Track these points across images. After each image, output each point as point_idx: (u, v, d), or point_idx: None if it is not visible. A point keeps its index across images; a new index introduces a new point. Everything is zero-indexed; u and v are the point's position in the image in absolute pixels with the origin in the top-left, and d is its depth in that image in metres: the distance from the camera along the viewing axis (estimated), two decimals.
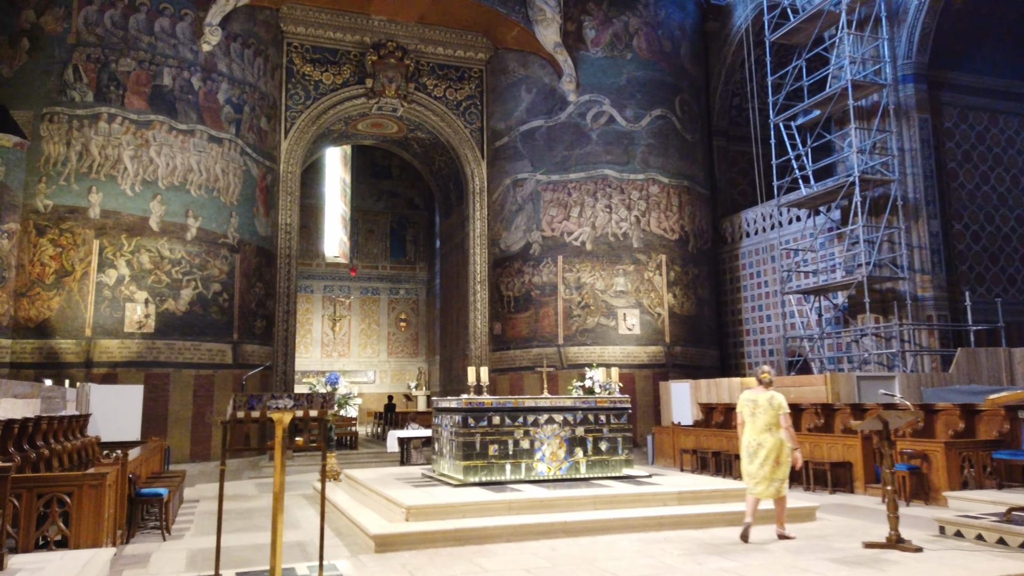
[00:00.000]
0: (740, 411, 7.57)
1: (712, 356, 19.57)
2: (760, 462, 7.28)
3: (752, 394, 7.54)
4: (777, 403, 7.39)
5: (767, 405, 7.37)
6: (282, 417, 4.57)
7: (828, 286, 16.27)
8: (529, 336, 18.69)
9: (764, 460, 7.28)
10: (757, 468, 7.29)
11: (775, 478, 7.27)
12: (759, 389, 7.53)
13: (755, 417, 7.41)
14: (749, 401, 7.51)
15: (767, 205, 19.13)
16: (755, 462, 7.31)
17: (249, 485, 13.42)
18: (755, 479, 7.31)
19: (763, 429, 7.35)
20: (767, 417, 7.34)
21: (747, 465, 7.39)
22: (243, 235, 16.36)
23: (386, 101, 19.23)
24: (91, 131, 14.64)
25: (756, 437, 7.36)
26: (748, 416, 7.48)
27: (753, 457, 7.35)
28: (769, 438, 7.31)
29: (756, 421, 7.39)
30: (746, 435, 7.47)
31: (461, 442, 8.85)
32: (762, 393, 7.46)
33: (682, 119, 19.54)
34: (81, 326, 14.17)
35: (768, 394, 7.44)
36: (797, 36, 17.18)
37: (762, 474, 7.26)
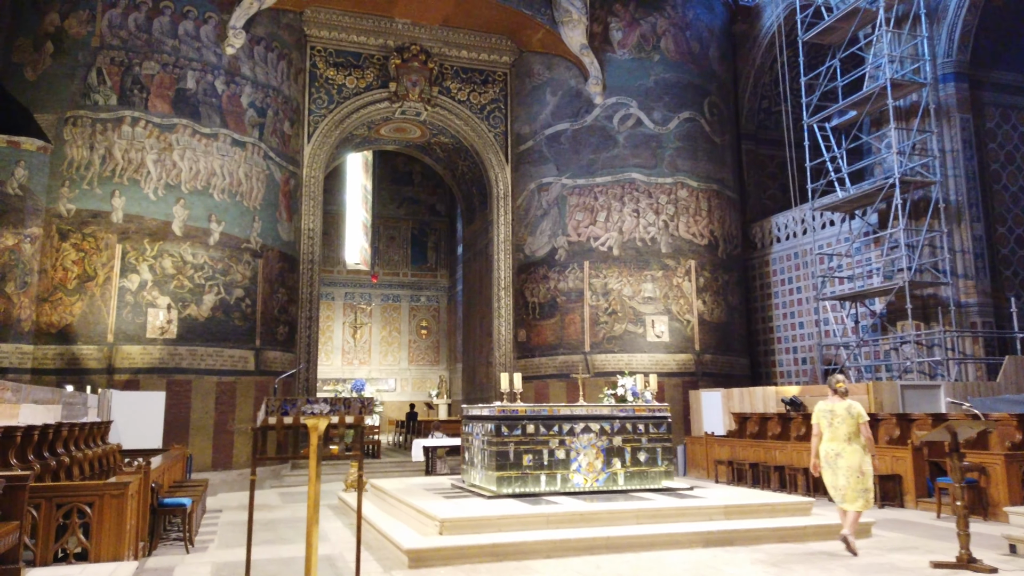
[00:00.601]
0: (817, 422, 7.40)
1: (742, 364, 19.06)
2: (844, 473, 7.11)
3: (828, 404, 7.38)
4: (856, 412, 7.27)
5: (845, 414, 7.26)
6: (317, 423, 4.23)
7: (866, 292, 15.74)
8: (555, 343, 18.29)
9: (848, 471, 7.10)
10: (844, 481, 7.11)
11: (863, 487, 7.07)
12: (834, 399, 7.39)
13: (833, 427, 7.26)
14: (826, 411, 7.35)
15: (799, 209, 18.63)
16: (839, 474, 7.14)
17: (272, 495, 13.11)
18: (842, 492, 7.13)
19: (843, 439, 7.20)
20: (846, 427, 7.20)
21: (830, 477, 7.24)
22: (266, 240, 16.13)
23: (409, 105, 18.98)
24: (114, 135, 14.49)
25: (835, 447, 7.21)
26: (826, 426, 7.31)
27: (835, 469, 7.18)
28: (848, 448, 7.16)
29: (835, 431, 7.25)
30: (824, 445, 7.29)
31: (494, 452, 8.47)
32: (839, 403, 7.33)
33: (711, 122, 19.11)
34: (103, 332, 13.97)
35: (845, 403, 7.32)
36: (831, 35, 16.73)
37: (849, 486, 7.08)
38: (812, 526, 7.68)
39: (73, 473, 7.99)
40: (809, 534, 7.59)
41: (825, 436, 7.30)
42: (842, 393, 7.39)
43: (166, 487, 9.13)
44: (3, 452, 6.51)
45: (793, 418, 13.69)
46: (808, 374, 18.28)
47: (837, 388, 7.40)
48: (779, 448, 12.70)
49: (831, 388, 7.49)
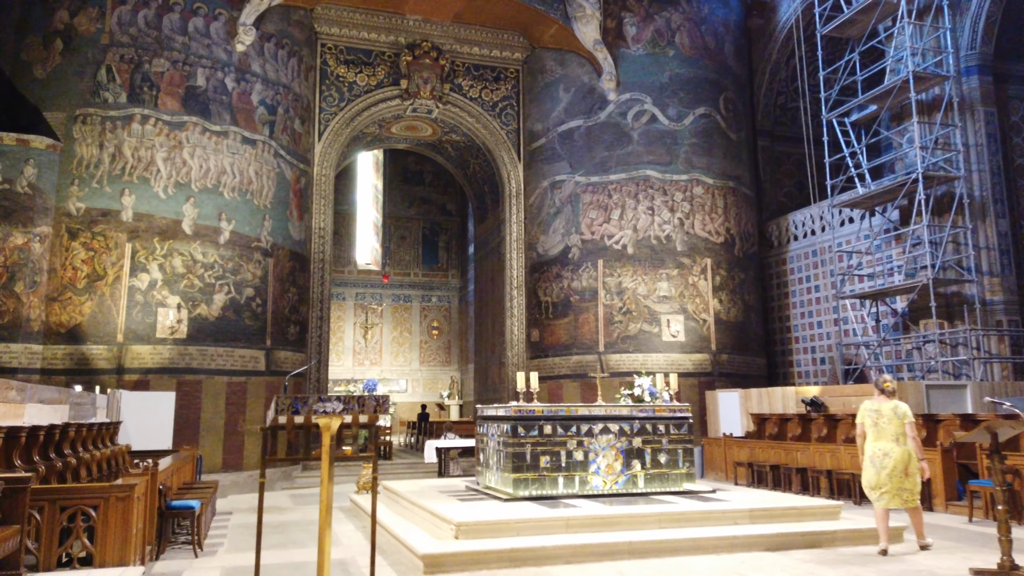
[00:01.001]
0: (861, 421, 7.39)
1: (759, 364, 18.73)
2: (888, 472, 7.08)
3: (874, 403, 7.36)
4: (902, 412, 7.24)
5: (892, 415, 7.23)
6: (330, 423, 3.99)
7: (887, 290, 15.39)
8: (568, 343, 18.03)
9: (892, 471, 7.07)
10: (885, 478, 7.07)
11: (904, 487, 7.05)
12: (880, 398, 7.36)
13: (879, 427, 7.23)
14: (872, 411, 7.33)
15: (816, 207, 18.30)
16: (882, 473, 7.10)
17: (283, 496, 12.92)
18: (881, 489, 7.08)
19: (889, 439, 7.16)
20: (893, 427, 7.18)
21: (871, 476, 7.16)
22: (276, 239, 15.95)
23: (421, 102, 18.78)
24: (124, 132, 14.35)
25: (882, 447, 7.17)
26: (871, 426, 7.28)
27: (879, 468, 7.13)
28: (896, 448, 7.12)
29: (881, 431, 7.22)
30: (869, 445, 7.25)
31: (510, 453, 8.22)
32: (885, 403, 7.30)
33: (727, 118, 18.81)
34: (113, 331, 13.82)
35: (892, 403, 7.29)
36: (851, 28, 16.39)
37: (890, 484, 7.06)
38: (842, 531, 7.39)
39: (80, 475, 7.80)
40: (839, 539, 7.30)
41: (869, 436, 7.25)
42: (889, 393, 7.33)
43: (175, 489, 8.94)
44: (7, 453, 6.32)
45: (814, 419, 13.37)
46: (827, 374, 17.94)
47: (885, 388, 7.33)
48: (800, 450, 12.39)
49: (878, 388, 7.43)
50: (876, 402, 7.36)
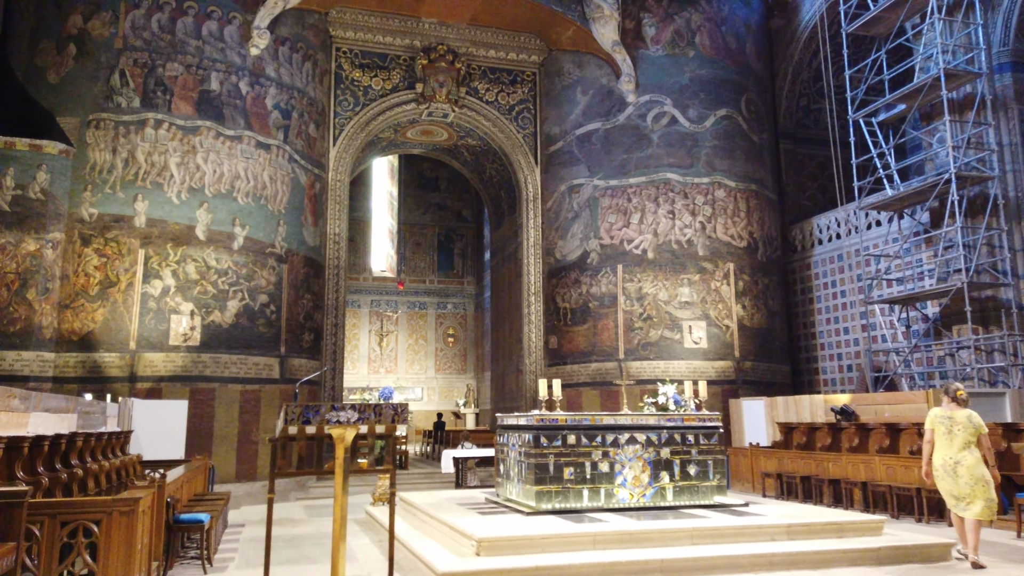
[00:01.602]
0: (931, 428, 7.25)
1: (784, 372, 18.25)
2: (965, 481, 6.94)
3: (946, 411, 7.23)
4: (977, 422, 7.14)
5: (966, 423, 7.10)
6: (343, 433, 3.66)
7: (918, 295, 14.89)
8: (587, 350, 17.63)
9: (970, 479, 6.93)
10: (968, 488, 6.92)
11: (988, 497, 6.89)
12: (952, 406, 7.25)
13: (952, 435, 7.09)
14: (944, 418, 7.19)
15: (842, 209, 17.83)
16: (959, 482, 6.95)
17: (296, 508, 12.60)
18: (965, 500, 6.93)
19: (961, 447, 7.03)
20: (966, 435, 7.05)
21: (949, 486, 7.03)
22: (291, 245, 15.71)
23: (436, 106, 18.52)
24: (137, 137, 14.17)
25: (954, 455, 7.05)
26: (943, 434, 7.13)
27: (954, 477, 6.99)
28: (968, 456, 7.00)
29: (953, 439, 7.08)
30: (940, 453, 7.12)
31: (533, 464, 7.85)
32: (959, 411, 7.19)
33: (748, 120, 18.40)
34: (125, 339, 13.60)
35: (965, 412, 7.18)
36: (877, 26, 15.96)
37: (974, 494, 6.90)
38: (886, 548, 6.95)
39: (88, 486, 7.51)
40: (884, 557, 6.87)
41: (940, 444, 7.10)
42: (962, 401, 7.22)
43: (185, 501, 8.64)
44: (8, 465, 6.04)
45: (844, 428, 12.90)
46: (855, 382, 17.42)
47: (958, 396, 7.22)
48: (831, 460, 11.92)
49: (948, 395, 7.30)
50: (948, 410, 7.22)
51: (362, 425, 3.65)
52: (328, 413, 3.56)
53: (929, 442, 7.23)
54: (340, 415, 3.57)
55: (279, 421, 3.73)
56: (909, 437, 11.66)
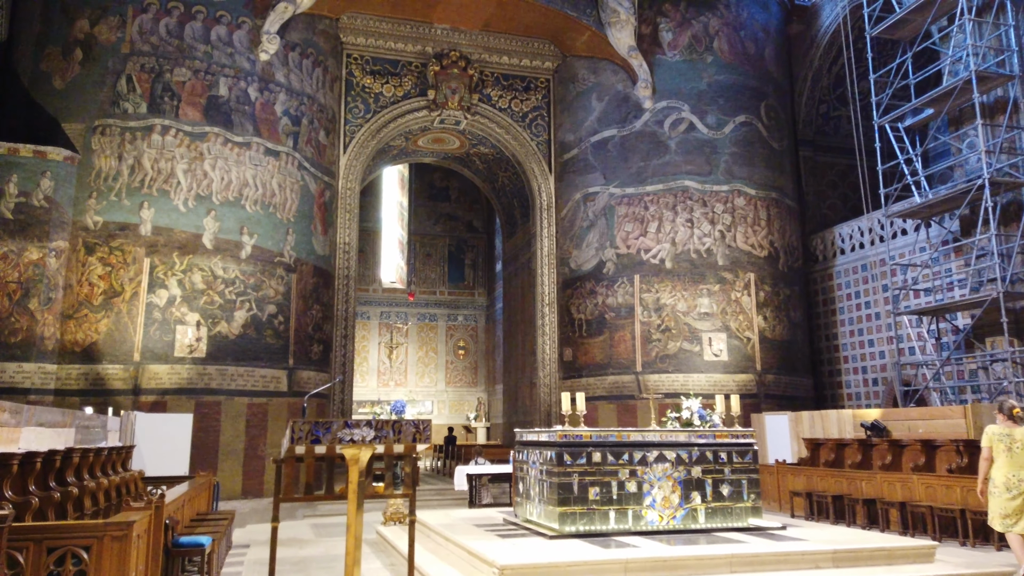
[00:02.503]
0: (989, 445, 7.15)
1: (806, 385, 17.67)
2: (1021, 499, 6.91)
3: (1004, 428, 7.14)
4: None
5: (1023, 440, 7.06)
6: (358, 454, 3.19)
7: (949, 305, 14.32)
8: (603, 362, 17.12)
9: None
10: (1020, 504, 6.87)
11: None
12: (1008, 423, 7.16)
13: (1012, 453, 7.02)
14: (1004, 436, 7.10)
15: (866, 218, 17.29)
16: (1019, 499, 6.88)
17: (304, 527, 12.11)
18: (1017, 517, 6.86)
19: (1021, 465, 6.96)
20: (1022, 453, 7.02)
21: (1005, 502, 6.92)
22: (300, 254, 15.32)
23: (448, 113, 18.15)
24: (144, 144, 13.84)
25: (1016, 473, 6.97)
26: (1003, 451, 7.03)
27: (1016, 495, 6.90)
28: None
29: (1014, 457, 7.01)
30: (1002, 472, 7.00)
31: (556, 483, 7.35)
32: (1016, 429, 7.12)
33: (768, 126, 17.94)
34: (129, 350, 13.20)
35: (1020, 430, 7.09)
36: (902, 29, 15.49)
37: None
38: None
39: (84, 505, 7.06)
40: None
41: (1001, 462, 7.00)
42: (1019, 419, 7.14)
43: (186, 521, 8.17)
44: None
45: (876, 444, 12.31)
46: (881, 396, 16.82)
47: (1014, 414, 7.15)
48: (865, 479, 11.34)
49: (1004, 413, 7.20)
50: (1005, 427, 7.14)
51: (378, 444, 3.18)
52: (341, 431, 3.10)
53: (987, 459, 7.08)
54: (354, 433, 3.11)
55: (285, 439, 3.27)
56: (946, 454, 11.07)
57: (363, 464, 3.18)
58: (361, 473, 3.17)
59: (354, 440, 3.12)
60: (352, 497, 3.14)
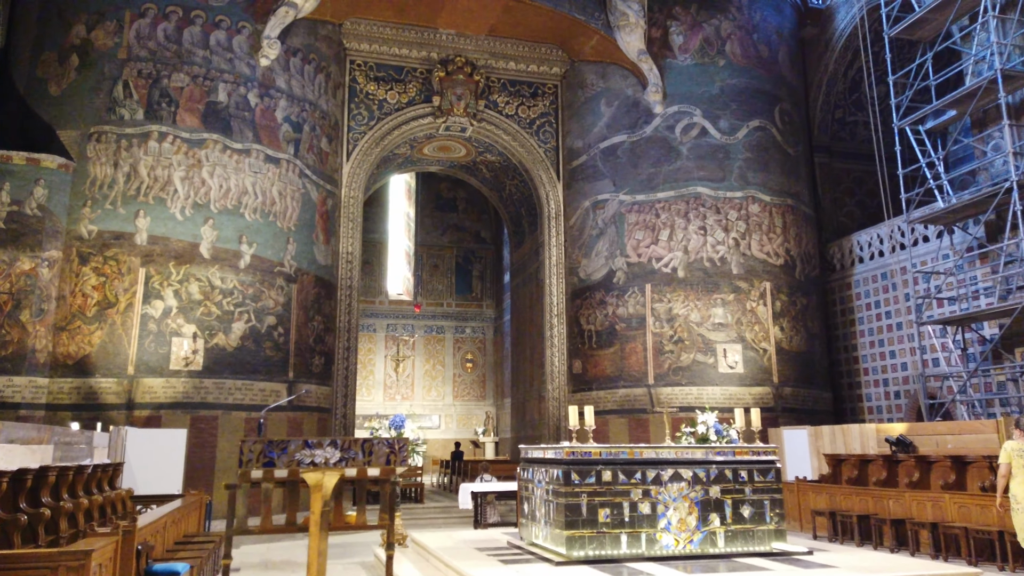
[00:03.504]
0: (1008, 461, 7.24)
1: (825, 399, 17.02)
2: None
3: (1022, 444, 7.24)
4: None
5: None
6: (322, 479, 2.68)
7: (975, 314, 13.70)
8: (614, 375, 16.55)
9: None
10: None
11: None
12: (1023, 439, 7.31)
13: None
14: (1022, 451, 7.21)
15: (884, 225, 16.69)
16: None
17: (300, 546, 11.57)
18: None
19: None
20: None
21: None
22: (301, 263, 14.89)
23: (454, 120, 17.74)
24: (140, 151, 13.49)
25: None
26: (1022, 467, 7.13)
27: None
28: None
29: None
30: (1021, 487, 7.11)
31: (563, 504, 6.81)
32: None
33: (783, 131, 17.42)
34: (123, 363, 12.77)
35: None
36: (922, 29, 14.97)
37: None
38: None
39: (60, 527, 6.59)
40: None
41: (1020, 478, 7.09)
42: None
43: (169, 544, 7.67)
44: None
45: (902, 461, 11.68)
46: (903, 409, 16.17)
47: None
48: (892, 497, 10.71)
49: (1020, 428, 7.35)
50: (1021, 442, 7.25)
51: (347, 466, 2.68)
52: (299, 452, 2.61)
53: (1004, 476, 7.19)
54: (315, 454, 2.61)
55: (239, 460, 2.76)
56: (978, 471, 10.44)
57: (327, 491, 2.68)
58: (326, 501, 2.66)
59: (316, 462, 2.62)
60: (315, 530, 2.63)
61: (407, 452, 2.86)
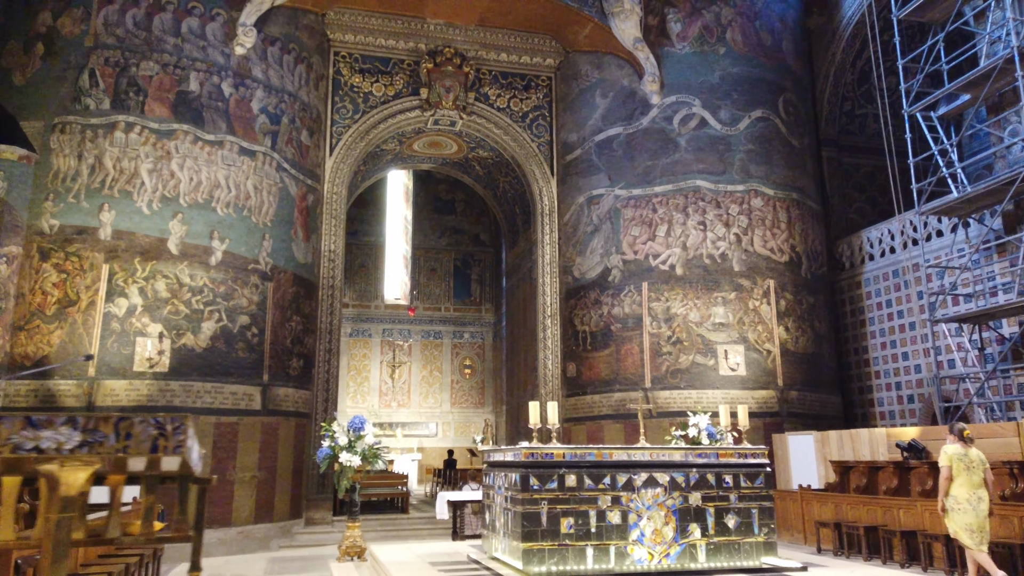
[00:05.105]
0: (948, 465, 7.64)
1: (834, 403, 16.07)
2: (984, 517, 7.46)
3: (960, 449, 7.69)
4: (983, 458, 7.71)
5: (979, 461, 7.66)
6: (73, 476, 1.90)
7: (993, 311, 12.75)
8: (609, 378, 15.71)
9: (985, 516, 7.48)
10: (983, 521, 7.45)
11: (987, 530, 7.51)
12: (961, 444, 7.71)
13: (971, 472, 7.58)
14: (961, 456, 7.66)
15: (895, 220, 15.77)
16: (979, 516, 7.45)
17: (260, 563, 10.78)
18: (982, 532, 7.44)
19: (979, 484, 7.57)
20: (980, 473, 7.60)
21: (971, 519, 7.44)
22: (277, 261, 14.19)
23: (443, 113, 17.04)
24: (106, 142, 12.85)
25: (976, 492, 7.54)
26: (963, 470, 7.56)
27: (977, 512, 7.46)
28: (986, 493, 7.57)
29: (972, 477, 7.58)
30: (964, 489, 7.52)
31: (520, 513, 6.00)
32: (971, 449, 7.71)
33: (787, 122, 16.56)
34: (84, 364, 12.08)
35: (975, 450, 7.71)
36: (933, 10, 14.12)
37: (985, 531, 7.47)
38: None
39: None
40: None
41: (962, 480, 7.52)
42: (970, 440, 7.73)
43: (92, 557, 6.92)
44: None
45: (914, 468, 10.78)
46: (917, 414, 15.20)
47: (965, 436, 7.73)
48: (903, 507, 9.79)
49: (955, 434, 7.77)
50: (961, 447, 7.68)
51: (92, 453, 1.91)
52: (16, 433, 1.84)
53: (947, 479, 7.58)
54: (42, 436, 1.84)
55: None
56: (998, 478, 9.50)
57: (73, 490, 1.91)
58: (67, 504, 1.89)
59: (42, 448, 1.85)
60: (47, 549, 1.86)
61: (183, 436, 2.09)
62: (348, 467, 8.05)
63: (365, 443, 8.39)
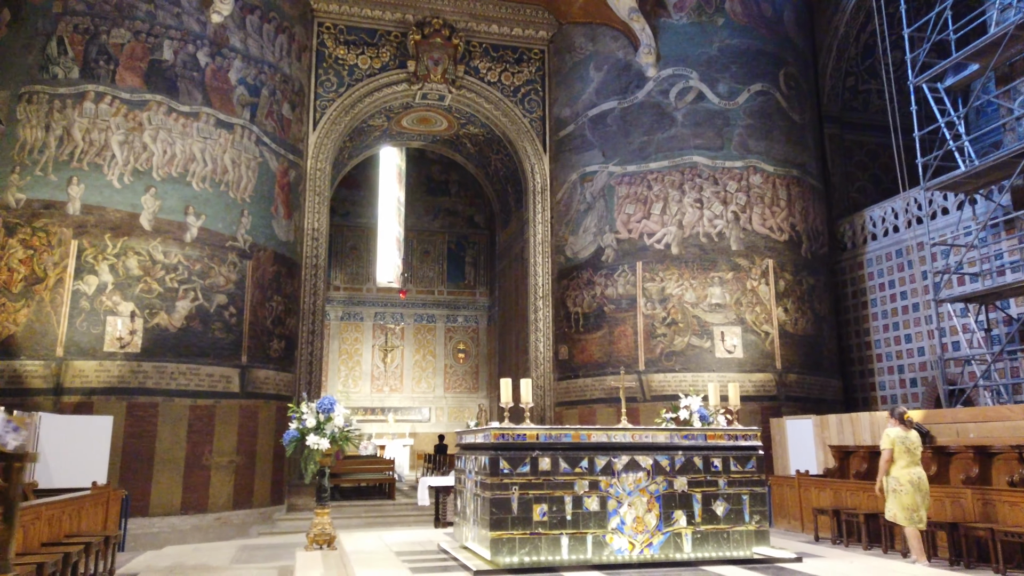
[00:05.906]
0: (890, 447, 7.83)
1: (834, 387, 15.57)
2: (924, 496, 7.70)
3: (902, 431, 7.90)
4: (920, 441, 8.00)
5: (918, 443, 7.92)
6: None
7: (1001, 290, 12.21)
8: (602, 361, 15.21)
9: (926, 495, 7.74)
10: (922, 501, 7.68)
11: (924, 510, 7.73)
12: (902, 428, 7.90)
13: (911, 454, 7.82)
14: (904, 438, 7.86)
15: (900, 198, 15.20)
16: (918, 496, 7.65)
17: (229, 550, 10.31)
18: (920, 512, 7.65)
19: (919, 465, 7.84)
20: (918, 454, 7.86)
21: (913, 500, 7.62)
22: (257, 238, 13.67)
23: (431, 87, 16.46)
24: (74, 112, 12.30)
25: (918, 472, 7.79)
26: (904, 453, 7.78)
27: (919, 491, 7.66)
28: (924, 473, 7.82)
29: (913, 457, 7.82)
30: (907, 471, 7.72)
31: (488, 499, 5.50)
32: (911, 432, 7.94)
33: (788, 96, 15.96)
34: (52, 344, 11.60)
35: (914, 433, 7.96)
36: None
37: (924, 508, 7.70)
38: None
39: None
40: None
41: (903, 462, 7.76)
42: (910, 423, 7.99)
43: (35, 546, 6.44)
44: None
45: None
46: (920, 398, 14.70)
47: (905, 419, 7.96)
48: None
49: (895, 418, 7.97)
50: (902, 430, 7.90)
51: None
52: None
53: (888, 460, 7.80)
54: None
55: None
56: (1006, 464, 9.03)
57: None
58: None
59: None
60: None
61: None
62: (315, 450, 7.57)
63: (335, 425, 7.90)
